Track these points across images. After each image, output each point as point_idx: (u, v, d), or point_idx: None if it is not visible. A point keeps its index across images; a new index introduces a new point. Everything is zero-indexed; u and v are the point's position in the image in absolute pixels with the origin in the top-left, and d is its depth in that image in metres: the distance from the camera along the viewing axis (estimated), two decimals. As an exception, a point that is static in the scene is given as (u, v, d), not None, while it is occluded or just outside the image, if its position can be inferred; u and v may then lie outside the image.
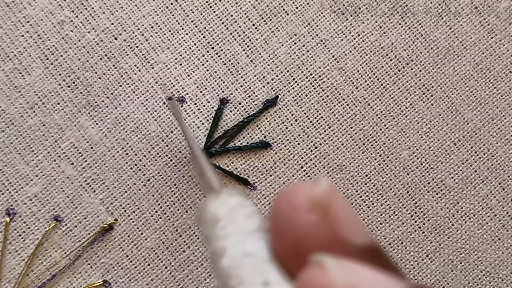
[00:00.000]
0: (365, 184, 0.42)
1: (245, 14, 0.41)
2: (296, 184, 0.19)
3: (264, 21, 0.42)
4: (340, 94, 0.42)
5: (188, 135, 0.36)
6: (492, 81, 0.43)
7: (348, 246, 0.19)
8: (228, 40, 0.41)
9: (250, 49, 0.42)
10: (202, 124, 0.41)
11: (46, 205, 0.39)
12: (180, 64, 0.41)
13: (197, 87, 0.41)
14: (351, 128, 0.42)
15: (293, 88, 0.42)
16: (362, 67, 0.42)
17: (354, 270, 0.17)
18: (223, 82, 0.41)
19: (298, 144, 0.42)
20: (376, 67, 0.42)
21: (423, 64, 0.43)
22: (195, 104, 0.41)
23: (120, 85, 0.40)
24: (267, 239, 0.21)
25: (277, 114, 0.42)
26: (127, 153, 0.40)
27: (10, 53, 0.39)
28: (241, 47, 0.41)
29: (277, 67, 0.42)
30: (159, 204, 0.40)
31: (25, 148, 0.39)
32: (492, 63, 0.43)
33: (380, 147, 0.42)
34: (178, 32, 0.41)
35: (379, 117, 0.42)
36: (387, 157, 0.42)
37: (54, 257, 0.39)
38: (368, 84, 0.42)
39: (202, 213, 0.22)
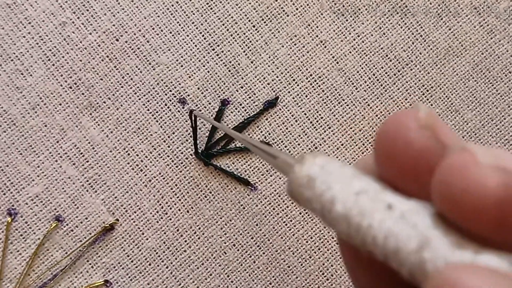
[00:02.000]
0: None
1: (246, 15, 0.41)
2: (399, 111, 0.20)
3: (265, 22, 0.41)
4: (340, 95, 0.42)
5: (238, 135, 0.34)
6: (491, 82, 0.43)
7: None
8: (229, 42, 0.41)
9: (250, 50, 0.41)
10: (204, 125, 0.41)
11: (48, 205, 0.39)
12: (181, 66, 0.40)
13: (198, 88, 0.41)
14: (351, 128, 0.42)
15: (293, 89, 0.41)
16: (362, 68, 0.42)
17: (499, 153, 0.18)
18: (224, 83, 0.41)
19: (298, 144, 0.41)
20: (375, 68, 0.42)
21: (422, 65, 0.42)
22: (196, 105, 0.41)
23: (122, 86, 0.40)
24: (371, 177, 0.21)
25: (277, 115, 0.41)
26: (128, 154, 0.40)
27: (12, 54, 0.39)
28: (242, 48, 0.41)
29: (277, 68, 0.41)
30: (160, 205, 0.40)
31: (27, 149, 0.39)
32: (492, 63, 0.43)
33: (380, 148, 0.42)
34: (179, 34, 0.41)
35: (378, 118, 0.42)
36: (387, 157, 0.42)
37: (55, 257, 0.39)
38: (368, 85, 0.42)
39: (294, 184, 0.22)
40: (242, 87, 0.41)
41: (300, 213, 0.41)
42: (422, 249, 0.18)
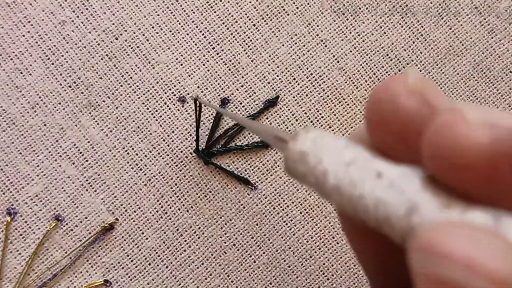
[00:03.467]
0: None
1: (246, 14, 0.41)
2: (390, 77, 0.20)
3: (265, 21, 0.41)
4: (340, 94, 0.41)
5: (234, 116, 0.38)
6: (492, 81, 0.43)
7: None
8: (229, 40, 0.41)
9: (250, 49, 0.41)
10: (204, 124, 0.40)
11: (47, 205, 0.38)
12: (181, 64, 0.40)
13: (198, 87, 0.40)
14: (351, 127, 0.41)
15: (293, 88, 0.41)
16: (363, 67, 0.42)
17: (487, 110, 0.18)
18: (224, 82, 0.41)
19: (299, 143, 0.41)
20: (376, 67, 0.42)
21: (423, 64, 0.42)
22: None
23: (121, 85, 0.39)
24: (362, 146, 0.21)
25: (278, 114, 0.41)
26: (128, 153, 0.39)
27: (11, 53, 0.38)
28: (242, 47, 0.41)
29: (278, 67, 0.41)
30: (160, 204, 0.39)
31: (26, 148, 0.38)
32: (492, 63, 0.43)
33: (380, 147, 0.41)
34: (179, 32, 0.40)
35: None
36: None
37: (55, 256, 0.38)
38: (368, 84, 0.42)
39: (289, 160, 0.22)
40: (242, 86, 0.41)
41: (301, 213, 0.41)
42: (410, 214, 0.18)
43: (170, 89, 0.40)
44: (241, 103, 0.41)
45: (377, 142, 0.21)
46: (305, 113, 0.41)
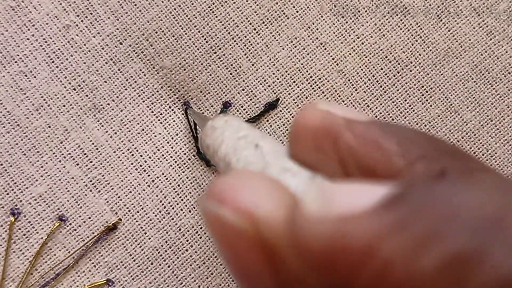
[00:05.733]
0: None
1: (247, 18, 0.39)
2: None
3: (265, 25, 0.39)
4: (339, 96, 0.39)
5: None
6: (491, 82, 0.40)
7: None
8: (230, 45, 0.38)
9: (251, 53, 0.39)
10: (206, 127, 0.38)
11: (51, 205, 0.36)
12: (184, 69, 0.38)
13: (201, 91, 0.38)
14: (351, 129, 0.39)
15: (293, 91, 0.39)
16: (362, 69, 0.39)
17: (335, 104, 0.23)
18: (226, 86, 0.39)
19: (299, 145, 0.39)
20: (375, 69, 0.39)
21: (422, 66, 0.40)
22: (199, 108, 0.39)
23: (126, 89, 0.37)
24: (258, 130, 0.24)
25: (278, 116, 0.39)
26: (132, 155, 0.37)
27: (16, 56, 0.37)
28: (243, 51, 0.39)
29: (278, 70, 0.39)
30: (162, 204, 0.38)
31: (30, 149, 0.36)
32: (491, 64, 0.40)
33: (380, 148, 0.39)
34: (181, 38, 0.38)
35: (378, 119, 0.39)
36: (387, 158, 0.39)
37: (58, 256, 0.36)
38: (367, 86, 0.39)
39: (202, 134, 0.25)
40: (243, 90, 0.39)
41: (300, 213, 0.38)
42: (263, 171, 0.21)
43: (174, 94, 0.38)
44: (242, 106, 0.39)
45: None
46: (305, 115, 0.39)
